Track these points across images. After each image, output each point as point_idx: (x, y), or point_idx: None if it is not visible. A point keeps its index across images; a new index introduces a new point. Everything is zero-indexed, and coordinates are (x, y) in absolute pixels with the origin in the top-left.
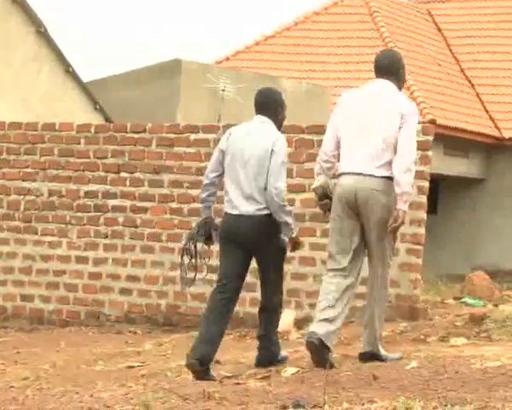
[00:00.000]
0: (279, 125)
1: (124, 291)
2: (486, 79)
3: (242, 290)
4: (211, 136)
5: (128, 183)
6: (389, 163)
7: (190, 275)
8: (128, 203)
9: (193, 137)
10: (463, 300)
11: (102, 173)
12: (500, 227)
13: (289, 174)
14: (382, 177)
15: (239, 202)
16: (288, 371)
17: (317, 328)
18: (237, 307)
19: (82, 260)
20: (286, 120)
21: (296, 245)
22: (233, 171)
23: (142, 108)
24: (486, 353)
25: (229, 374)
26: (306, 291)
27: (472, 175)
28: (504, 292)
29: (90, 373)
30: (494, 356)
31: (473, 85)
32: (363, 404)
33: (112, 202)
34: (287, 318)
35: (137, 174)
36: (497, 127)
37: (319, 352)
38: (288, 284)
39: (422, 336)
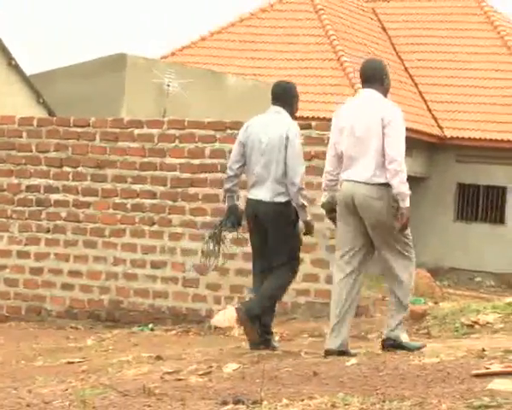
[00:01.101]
0: (293, 115)
1: (66, 286)
2: (429, 78)
3: (184, 285)
4: (155, 131)
5: (71, 177)
6: (380, 168)
7: (214, 259)
8: (71, 198)
9: (137, 131)
10: None
11: (45, 167)
12: (441, 225)
13: None
14: (374, 184)
15: (258, 189)
16: (230, 367)
17: (331, 344)
18: (180, 303)
19: (23, 254)
20: (230, 116)
21: (310, 228)
22: (253, 160)
23: (87, 102)
24: (426, 349)
25: (170, 370)
26: (249, 287)
27: (415, 173)
28: (445, 289)
29: (30, 369)
30: (433, 353)
31: (416, 84)
32: (302, 400)
33: (54, 197)
34: (229, 314)
35: (80, 169)
36: (439, 126)
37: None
38: (231, 280)
39: (363, 333)
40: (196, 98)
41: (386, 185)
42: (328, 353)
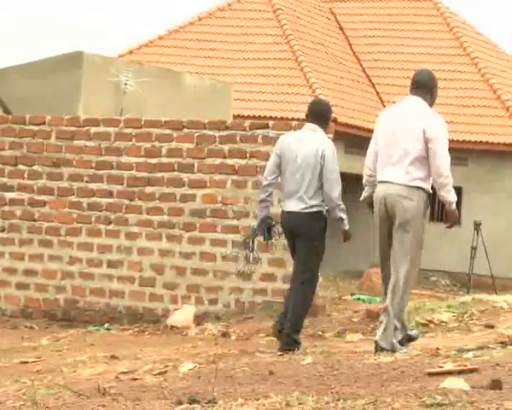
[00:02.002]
0: (326, 133)
1: (20, 286)
2: (386, 78)
3: (140, 285)
4: (112, 129)
5: (26, 175)
6: (416, 173)
7: (248, 264)
8: (26, 196)
9: (93, 130)
10: (358, 296)
11: (0, 166)
12: None
13: (190, 170)
14: (407, 185)
15: (291, 201)
16: (186, 366)
17: (381, 340)
18: (136, 302)
19: None
20: (188, 115)
21: (348, 236)
22: (287, 174)
23: (43, 100)
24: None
25: (125, 370)
26: (206, 287)
27: None
28: None
29: None
30: (388, 351)
31: (373, 85)
32: (257, 399)
33: (9, 195)
34: (186, 313)
35: (36, 167)
36: None
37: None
38: (188, 279)
39: (320, 332)
40: (154, 97)
41: (418, 189)
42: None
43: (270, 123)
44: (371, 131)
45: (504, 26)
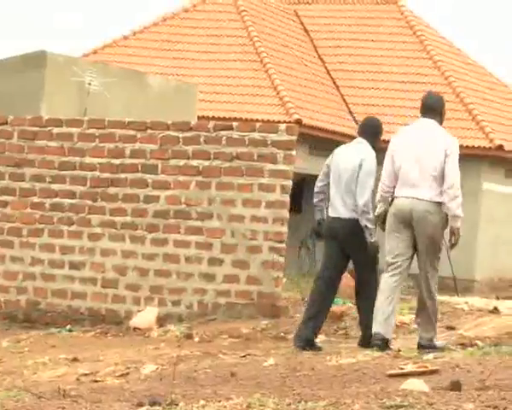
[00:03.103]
0: (374, 147)
1: None
2: (351, 81)
3: (103, 286)
4: (75, 130)
5: None
6: (437, 189)
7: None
8: None
9: (56, 130)
10: None
11: None
12: None
13: (154, 171)
14: (432, 201)
15: (335, 207)
16: (148, 368)
17: (379, 328)
18: (99, 304)
19: None
20: (152, 116)
21: (374, 249)
22: (333, 182)
23: (5, 100)
24: (343, 350)
25: (86, 372)
26: (170, 288)
27: None
28: None
29: None
30: (350, 353)
31: (338, 87)
32: (219, 401)
33: None
34: (149, 315)
35: None
36: None
37: (384, 347)
38: (151, 280)
39: (283, 334)
40: (118, 98)
41: (440, 204)
42: (376, 337)
43: (235, 124)
44: (336, 133)
45: (468, 30)
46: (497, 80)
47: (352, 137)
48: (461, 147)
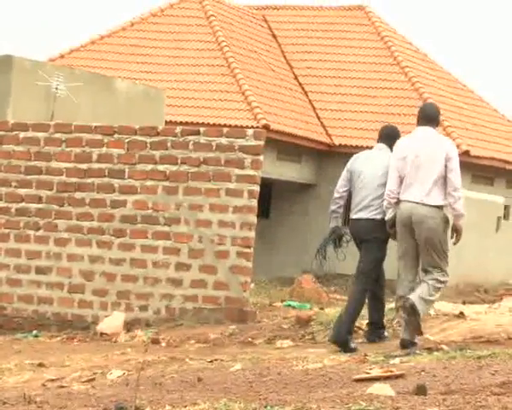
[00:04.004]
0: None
1: None
2: (319, 86)
3: (69, 291)
4: (41, 134)
5: None
6: (437, 194)
7: (322, 269)
8: None
9: (22, 135)
10: (289, 303)
11: None
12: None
13: (121, 175)
14: (431, 205)
15: (360, 211)
16: (114, 373)
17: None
18: (65, 309)
19: None
20: (120, 120)
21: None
22: (356, 187)
23: None
24: (310, 355)
25: (52, 377)
26: (137, 293)
27: (304, 180)
28: (332, 295)
29: None
30: (317, 358)
31: (306, 92)
32: (185, 406)
33: None
34: (116, 320)
35: None
36: (328, 134)
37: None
38: (118, 286)
39: (250, 339)
40: (85, 102)
41: (440, 208)
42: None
43: (202, 129)
44: (304, 138)
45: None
46: (463, 86)
47: (317, 142)
48: None
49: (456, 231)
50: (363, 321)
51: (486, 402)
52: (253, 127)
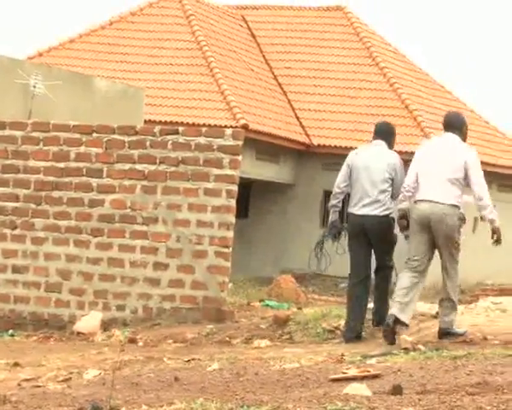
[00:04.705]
0: (390, 148)
1: None
2: (298, 86)
3: (46, 290)
4: (18, 133)
5: None
6: (454, 193)
7: (320, 263)
8: None
9: None
10: (267, 302)
11: None
12: (308, 231)
13: (99, 175)
14: (449, 204)
15: (363, 206)
16: (90, 373)
17: (394, 310)
18: (42, 308)
19: None
20: (98, 119)
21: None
22: (359, 182)
23: None
24: (287, 354)
25: (28, 377)
26: (114, 293)
27: (282, 180)
28: (310, 295)
29: None
30: (294, 358)
31: (285, 92)
32: (162, 406)
33: None
34: (93, 319)
35: None
36: (306, 134)
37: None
38: (95, 285)
39: (228, 339)
40: (64, 101)
41: (456, 207)
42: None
43: (180, 129)
44: (283, 138)
45: (414, 38)
46: (441, 87)
47: (296, 142)
48: (405, 152)
49: (494, 233)
50: (341, 321)
51: (462, 402)
52: (231, 127)
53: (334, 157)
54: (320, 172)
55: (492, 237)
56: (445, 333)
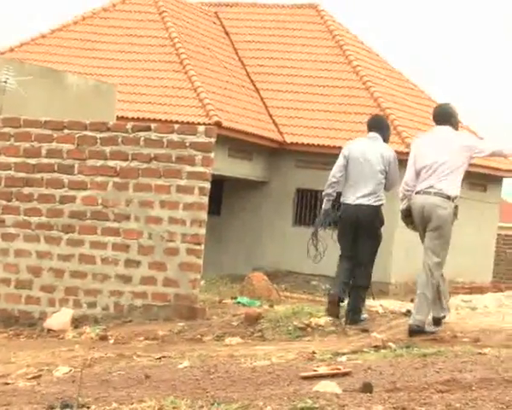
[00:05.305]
0: (385, 140)
1: None
2: (271, 84)
3: (16, 287)
4: None
5: None
6: (448, 185)
7: (318, 252)
8: None
9: None
10: (238, 300)
11: None
12: (280, 229)
13: (71, 171)
14: (442, 195)
15: (357, 196)
16: (61, 370)
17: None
18: (12, 305)
19: None
20: (70, 115)
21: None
22: (354, 172)
23: None
24: (258, 352)
25: None
26: (85, 289)
27: (255, 177)
28: (282, 293)
29: None
30: (265, 355)
31: (258, 90)
32: (132, 403)
33: None
34: (63, 316)
35: None
36: (279, 132)
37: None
38: (66, 282)
39: (199, 336)
40: (35, 96)
41: (450, 198)
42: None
43: (153, 125)
44: (256, 136)
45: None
46: (413, 86)
47: (269, 140)
48: None
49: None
50: (312, 319)
51: (431, 399)
52: (204, 124)
53: (306, 155)
54: (293, 170)
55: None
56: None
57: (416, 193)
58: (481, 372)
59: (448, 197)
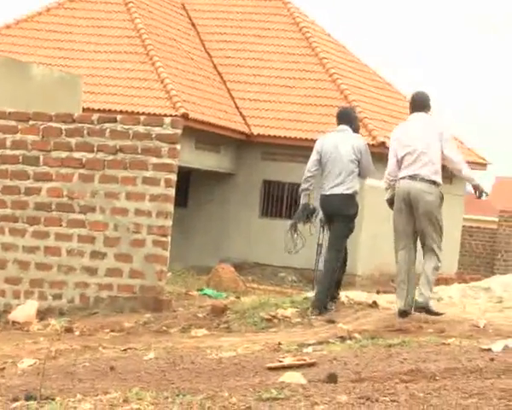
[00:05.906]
0: (355, 131)
1: None
2: (238, 75)
3: None
4: None
5: None
6: (431, 169)
7: (296, 245)
8: None
9: None
10: (205, 291)
11: None
12: (247, 221)
13: (36, 163)
14: (427, 180)
15: (334, 187)
16: (25, 362)
17: (399, 303)
18: None
19: None
20: (35, 106)
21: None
22: (328, 165)
23: None
24: (224, 343)
25: None
26: (50, 281)
27: (222, 169)
28: (249, 284)
29: None
30: (231, 347)
31: (225, 82)
32: (96, 395)
33: None
34: (28, 308)
35: None
36: (246, 124)
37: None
38: (31, 274)
39: (165, 328)
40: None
41: (435, 183)
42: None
43: (119, 117)
44: (223, 127)
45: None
46: (380, 78)
47: (236, 132)
48: None
49: (477, 189)
50: (278, 310)
51: (395, 390)
52: (171, 116)
53: (273, 147)
54: (260, 162)
55: (475, 194)
56: (422, 308)
57: (401, 179)
58: (445, 362)
59: (434, 183)
